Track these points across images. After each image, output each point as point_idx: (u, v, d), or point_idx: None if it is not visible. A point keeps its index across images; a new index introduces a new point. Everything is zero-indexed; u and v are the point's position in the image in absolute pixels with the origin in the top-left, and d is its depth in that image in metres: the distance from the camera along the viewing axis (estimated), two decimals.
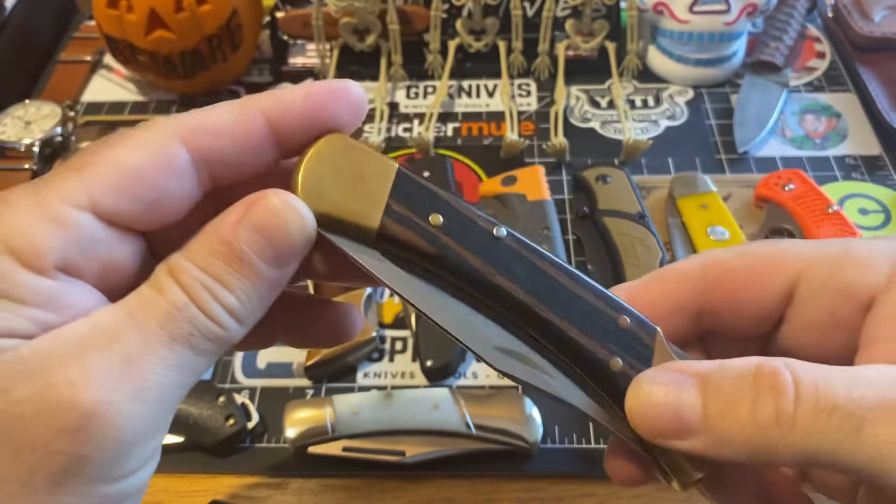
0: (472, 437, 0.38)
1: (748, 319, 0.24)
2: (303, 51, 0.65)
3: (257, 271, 0.20)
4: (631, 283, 0.25)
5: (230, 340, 0.21)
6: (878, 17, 0.61)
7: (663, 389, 0.20)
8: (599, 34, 0.60)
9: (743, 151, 0.55)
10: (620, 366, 0.22)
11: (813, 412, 0.18)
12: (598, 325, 0.23)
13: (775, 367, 0.19)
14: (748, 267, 0.24)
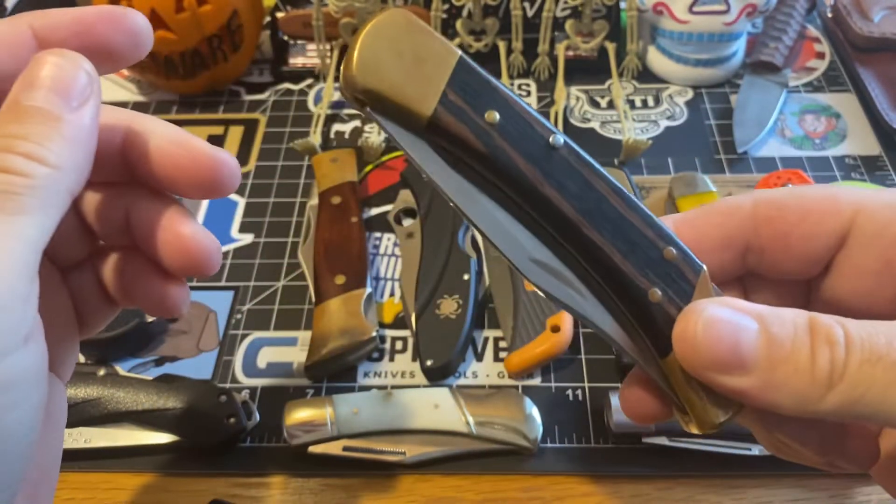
0: (472, 436, 0.39)
1: (796, 261, 0.24)
2: (303, 51, 0.65)
3: (52, 115, 0.21)
4: (679, 215, 0.25)
5: (47, 187, 0.20)
6: (878, 17, 0.61)
7: (725, 322, 0.20)
8: (599, 34, 0.60)
9: (742, 151, 0.55)
10: (659, 297, 0.22)
11: (859, 363, 0.19)
12: (643, 252, 0.22)
13: (829, 322, 0.19)
14: (801, 206, 0.23)
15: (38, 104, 0.21)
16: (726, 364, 0.20)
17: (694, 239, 0.24)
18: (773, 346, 0.20)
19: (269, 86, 0.63)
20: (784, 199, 0.24)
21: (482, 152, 0.21)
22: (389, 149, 0.57)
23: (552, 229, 0.22)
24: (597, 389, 0.42)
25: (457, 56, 0.21)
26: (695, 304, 0.21)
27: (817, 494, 0.38)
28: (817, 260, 0.24)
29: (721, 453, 0.38)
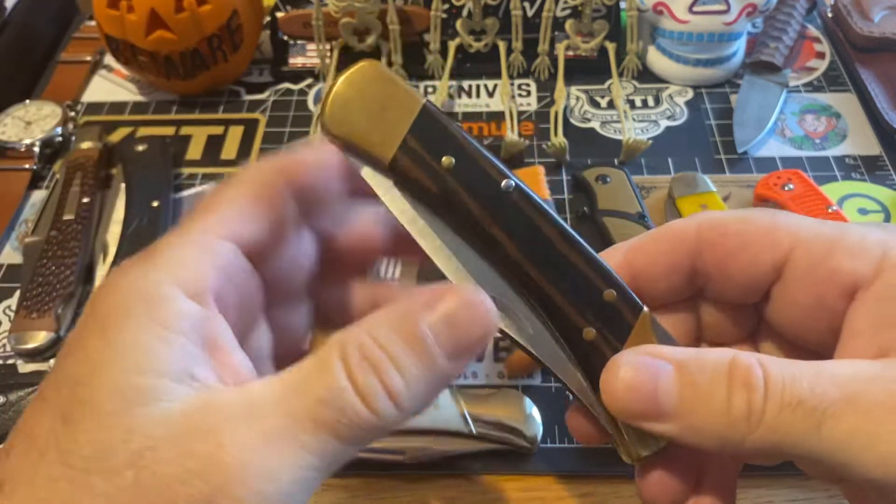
0: (472, 436, 0.38)
1: (736, 287, 0.24)
2: (303, 51, 0.65)
3: (433, 358, 0.20)
4: (631, 241, 0.25)
5: (382, 429, 0.19)
6: (878, 17, 0.61)
7: (641, 373, 0.21)
8: (599, 34, 0.60)
9: (742, 151, 0.55)
10: (594, 335, 0.23)
11: (779, 407, 0.19)
12: (583, 293, 0.23)
13: (749, 364, 0.20)
14: (742, 234, 0.24)
15: (433, 340, 0.19)
16: (646, 413, 0.21)
17: (645, 265, 0.24)
18: (689, 392, 0.20)
19: (269, 86, 0.63)
20: (727, 224, 0.24)
21: (436, 194, 0.23)
22: None
23: (501, 267, 0.24)
24: None
25: (420, 104, 0.23)
26: (617, 357, 0.22)
27: (817, 494, 0.38)
28: (756, 288, 0.24)
29: None
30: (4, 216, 0.53)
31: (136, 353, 0.18)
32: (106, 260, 0.48)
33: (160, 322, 0.19)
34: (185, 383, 0.19)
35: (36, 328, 0.45)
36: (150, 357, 0.18)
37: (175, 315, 0.19)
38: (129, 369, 0.18)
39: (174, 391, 0.18)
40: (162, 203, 0.51)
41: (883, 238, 0.22)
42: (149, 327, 0.19)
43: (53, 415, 0.18)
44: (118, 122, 0.60)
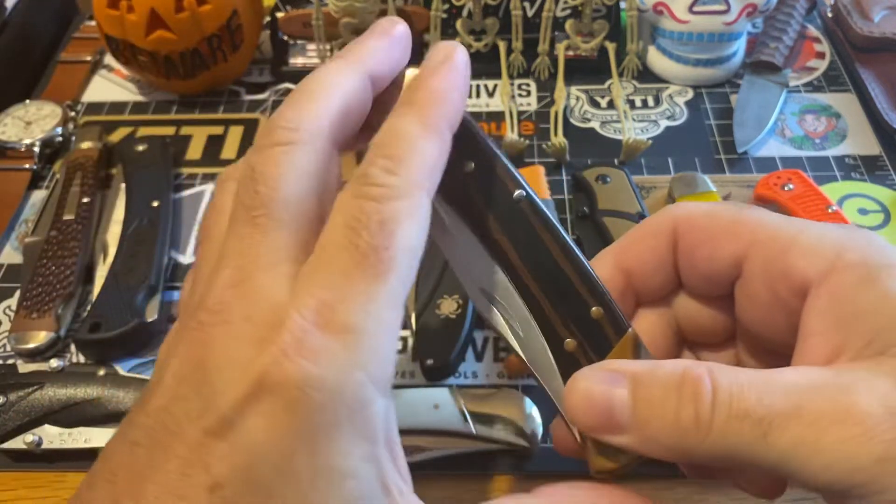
0: (471, 436, 0.38)
1: (702, 281, 0.25)
2: (303, 51, 0.65)
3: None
4: (617, 245, 0.26)
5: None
6: (878, 17, 0.61)
7: (598, 387, 0.21)
8: (599, 34, 0.60)
9: (742, 151, 0.55)
10: (574, 347, 0.24)
11: (727, 418, 0.19)
12: (571, 307, 0.24)
13: (698, 375, 0.20)
14: (709, 227, 0.24)
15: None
16: (605, 426, 0.21)
17: (635, 265, 0.25)
18: (642, 405, 0.21)
19: (269, 86, 0.63)
20: (695, 217, 0.24)
21: (456, 196, 0.24)
22: None
23: (500, 268, 0.24)
24: None
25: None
26: (577, 373, 0.22)
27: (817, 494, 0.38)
28: (719, 282, 0.24)
29: None
30: (4, 216, 0.53)
31: (345, 482, 0.18)
32: (106, 260, 0.48)
33: (364, 436, 0.18)
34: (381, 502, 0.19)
35: (36, 328, 0.45)
36: (359, 484, 0.18)
37: (375, 423, 0.19)
38: (340, 500, 0.18)
39: None
40: (162, 203, 0.51)
41: (839, 238, 0.22)
42: (355, 444, 0.18)
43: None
44: (118, 122, 0.60)
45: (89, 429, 0.40)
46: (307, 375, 0.17)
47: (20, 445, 0.39)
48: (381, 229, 0.18)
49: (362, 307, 0.18)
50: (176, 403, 0.18)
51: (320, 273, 0.18)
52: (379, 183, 0.19)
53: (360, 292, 0.18)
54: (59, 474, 0.40)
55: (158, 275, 0.47)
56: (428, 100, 0.21)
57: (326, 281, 0.18)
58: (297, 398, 0.17)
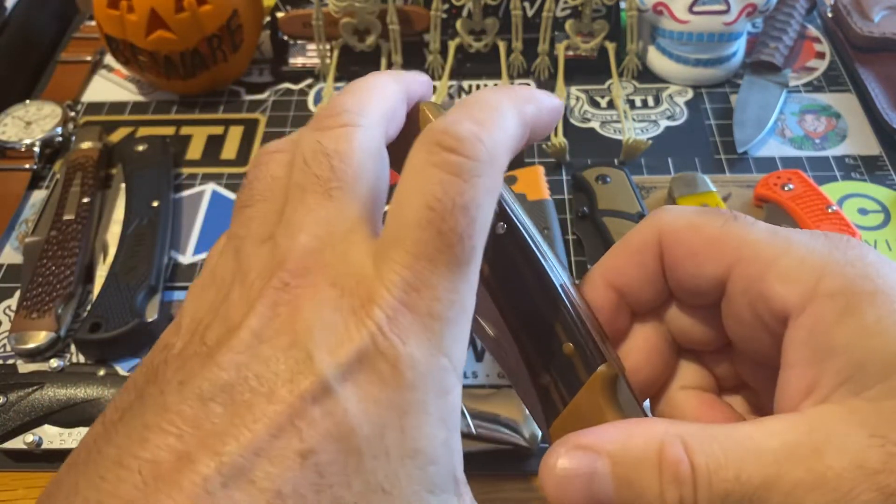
0: (471, 436, 0.38)
1: (688, 294, 0.24)
2: (303, 51, 0.65)
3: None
4: (604, 260, 0.25)
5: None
6: (878, 17, 0.61)
7: (576, 469, 0.20)
8: (599, 34, 0.60)
9: (742, 151, 0.55)
10: (547, 381, 0.24)
11: (709, 499, 0.19)
12: (544, 342, 0.24)
13: (676, 456, 0.19)
14: (692, 243, 0.23)
15: None
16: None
17: (625, 283, 0.24)
18: (624, 489, 0.20)
19: (269, 86, 0.63)
20: (680, 230, 0.24)
21: None
22: None
23: (491, 299, 0.24)
24: None
25: None
26: (551, 450, 0.21)
27: None
28: (705, 297, 0.24)
29: None
30: (4, 216, 0.53)
31: (428, 466, 0.18)
32: (106, 260, 0.48)
33: (445, 422, 0.18)
34: (453, 494, 0.18)
35: (36, 328, 0.45)
36: (438, 470, 0.18)
37: (455, 410, 0.19)
38: (423, 486, 0.18)
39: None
40: (162, 203, 0.51)
41: (822, 260, 0.21)
42: (439, 429, 0.18)
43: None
44: (118, 122, 0.60)
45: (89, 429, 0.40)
46: (401, 353, 0.17)
47: (20, 445, 0.39)
48: (465, 215, 0.18)
49: (447, 296, 0.18)
50: (259, 362, 0.17)
51: (403, 252, 0.18)
52: (464, 152, 0.18)
53: (445, 279, 0.18)
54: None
55: (158, 275, 0.47)
56: (520, 94, 0.21)
57: (410, 263, 0.18)
58: (392, 374, 0.17)
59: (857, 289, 0.20)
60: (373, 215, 0.20)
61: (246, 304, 0.18)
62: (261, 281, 0.18)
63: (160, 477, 0.16)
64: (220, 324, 0.18)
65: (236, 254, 0.20)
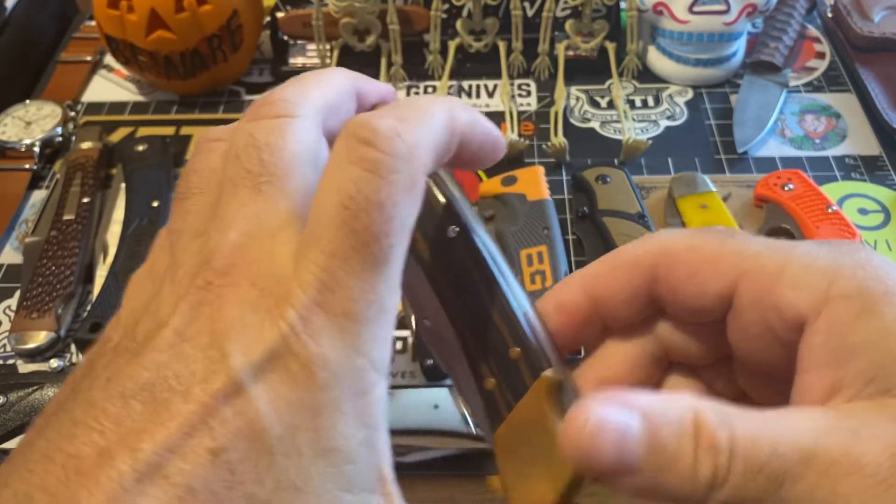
0: (471, 436, 0.39)
1: (691, 315, 0.24)
2: (303, 51, 0.65)
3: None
4: (588, 270, 0.25)
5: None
6: (878, 17, 0.61)
7: (610, 428, 0.20)
8: (599, 34, 0.60)
9: (742, 151, 0.55)
10: (493, 386, 0.24)
11: (743, 471, 0.19)
12: (492, 345, 0.24)
13: (713, 424, 0.19)
14: (689, 264, 0.23)
15: None
16: (613, 470, 0.20)
17: (604, 294, 0.24)
18: (656, 452, 0.20)
19: (269, 86, 0.63)
20: (676, 252, 0.23)
21: None
22: None
23: (439, 301, 0.24)
24: None
25: None
26: (582, 406, 0.20)
27: None
28: (710, 316, 0.24)
29: None
30: (4, 216, 0.53)
31: (344, 465, 0.18)
32: (106, 260, 0.48)
33: (365, 421, 0.18)
34: (377, 493, 0.19)
35: (36, 328, 0.45)
36: (357, 469, 0.18)
37: (376, 409, 0.19)
38: (337, 484, 0.18)
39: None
40: (162, 203, 0.51)
41: (831, 266, 0.21)
42: (357, 428, 0.18)
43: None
44: (118, 122, 0.60)
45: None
46: (313, 353, 0.17)
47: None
48: (381, 213, 0.18)
49: (362, 295, 0.18)
50: (179, 361, 0.17)
51: (318, 252, 0.18)
52: (381, 147, 0.18)
53: (360, 279, 0.18)
54: None
55: None
56: (447, 99, 0.21)
57: (325, 262, 0.18)
58: (304, 374, 0.17)
59: (871, 290, 0.20)
60: (305, 211, 0.19)
61: (173, 302, 0.18)
62: (188, 278, 0.19)
63: (81, 472, 0.16)
64: (150, 319, 0.19)
65: (172, 248, 0.20)
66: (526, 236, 0.46)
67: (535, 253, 0.45)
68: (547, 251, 0.45)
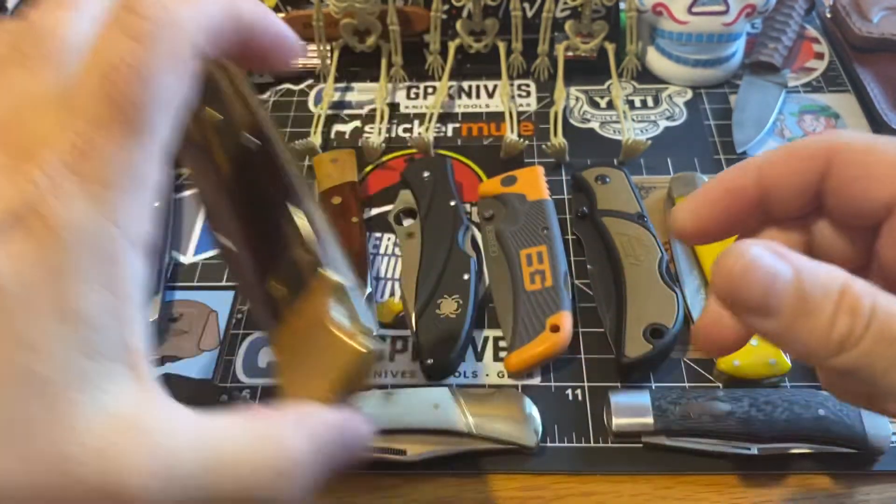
0: (471, 435, 0.39)
1: (848, 214, 0.25)
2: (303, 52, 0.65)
3: None
4: (760, 157, 0.26)
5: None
6: (877, 17, 0.61)
7: (763, 267, 0.21)
8: (598, 35, 0.61)
9: (741, 152, 0.55)
10: (278, 290, 0.25)
11: (876, 338, 0.20)
12: (280, 251, 0.25)
13: (859, 292, 0.21)
14: (864, 165, 0.24)
15: None
16: (755, 307, 0.21)
17: (776, 183, 0.25)
18: (799, 301, 0.21)
19: (269, 86, 0.63)
20: (856, 151, 0.24)
21: (198, 143, 0.25)
22: (390, 149, 0.57)
23: (229, 203, 0.25)
24: (596, 389, 0.42)
25: None
26: (740, 243, 0.21)
27: (816, 494, 0.38)
28: (867, 219, 0.24)
29: (721, 452, 0.38)
30: None
31: (86, 331, 0.18)
32: None
33: (113, 290, 0.18)
34: (120, 363, 0.18)
35: None
36: (99, 337, 0.18)
37: (126, 280, 0.18)
38: (78, 349, 0.18)
39: (113, 378, 0.18)
40: (162, 203, 0.51)
41: None
42: (101, 295, 0.18)
43: None
44: None
45: None
46: (58, 214, 0.17)
47: None
48: (139, 80, 0.18)
49: (118, 163, 0.18)
50: None
51: (75, 118, 0.18)
52: (143, 13, 0.18)
53: (116, 146, 0.18)
54: None
55: (159, 275, 0.47)
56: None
57: (82, 127, 0.18)
58: (48, 235, 0.17)
59: None
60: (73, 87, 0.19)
61: None
62: None
63: None
64: None
65: None
66: (525, 236, 0.47)
67: (534, 253, 0.46)
68: (546, 251, 0.45)
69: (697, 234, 0.26)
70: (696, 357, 0.43)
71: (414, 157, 0.56)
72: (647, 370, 0.42)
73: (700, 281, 0.45)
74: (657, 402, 0.39)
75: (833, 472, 0.39)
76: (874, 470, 0.38)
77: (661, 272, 0.44)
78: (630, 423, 0.39)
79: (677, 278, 0.46)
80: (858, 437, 0.37)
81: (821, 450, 0.38)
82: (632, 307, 0.42)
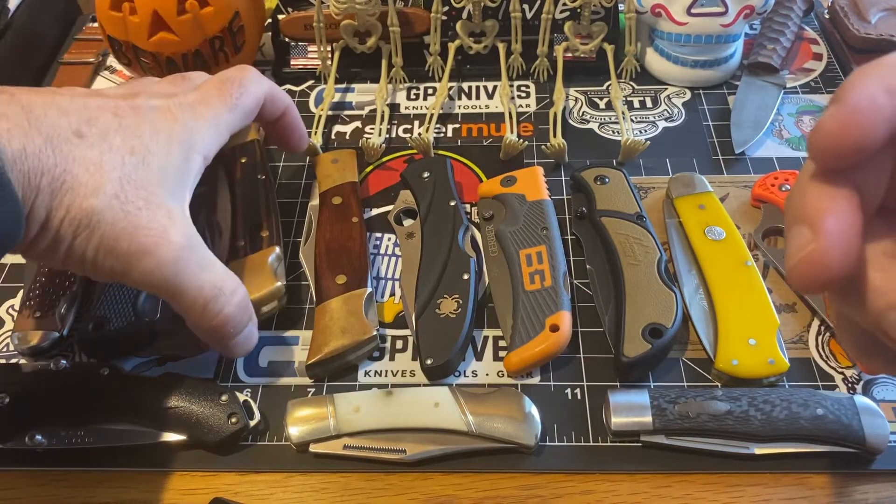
0: (471, 435, 0.39)
1: None
2: (304, 53, 0.65)
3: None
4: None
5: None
6: (875, 18, 0.62)
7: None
8: (598, 36, 0.61)
9: (740, 152, 0.55)
10: (241, 245, 0.47)
11: None
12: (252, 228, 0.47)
13: None
14: None
15: None
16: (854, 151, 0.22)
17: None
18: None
19: None
20: None
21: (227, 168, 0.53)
22: (390, 150, 0.57)
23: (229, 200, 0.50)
24: (595, 388, 0.42)
25: None
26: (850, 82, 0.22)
27: (815, 493, 0.38)
28: None
29: (719, 452, 0.38)
30: None
31: (177, 167, 0.37)
32: None
33: (186, 159, 0.37)
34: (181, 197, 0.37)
35: (39, 328, 0.45)
36: (184, 169, 0.37)
37: (195, 162, 0.38)
38: (173, 175, 0.36)
39: (177, 196, 0.37)
40: None
41: None
42: (181, 153, 0.37)
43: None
44: None
45: (91, 428, 0.40)
46: (182, 105, 0.39)
47: (23, 445, 0.39)
48: (238, 84, 0.43)
49: (213, 110, 0.41)
50: None
51: (207, 84, 0.42)
52: (237, 79, 0.43)
53: (216, 100, 0.41)
54: (61, 474, 0.40)
55: None
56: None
57: (205, 87, 0.42)
58: (170, 111, 0.38)
59: None
60: None
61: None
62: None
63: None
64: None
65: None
66: (525, 236, 0.47)
67: (534, 253, 0.46)
68: (546, 251, 0.46)
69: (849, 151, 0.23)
70: (694, 357, 0.44)
71: (414, 158, 0.56)
72: (646, 369, 0.43)
73: (698, 281, 0.46)
74: (656, 401, 0.39)
75: (831, 471, 0.39)
76: (872, 469, 0.39)
77: (660, 272, 0.44)
78: (629, 423, 0.39)
79: (676, 278, 0.46)
80: (856, 436, 0.37)
81: (819, 449, 0.38)
82: (630, 307, 0.42)
